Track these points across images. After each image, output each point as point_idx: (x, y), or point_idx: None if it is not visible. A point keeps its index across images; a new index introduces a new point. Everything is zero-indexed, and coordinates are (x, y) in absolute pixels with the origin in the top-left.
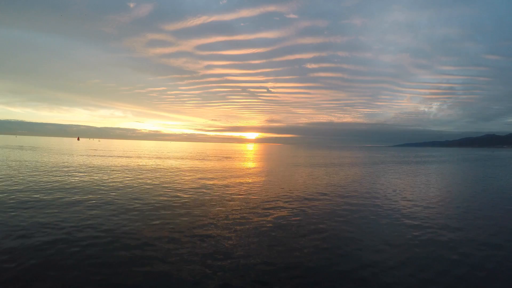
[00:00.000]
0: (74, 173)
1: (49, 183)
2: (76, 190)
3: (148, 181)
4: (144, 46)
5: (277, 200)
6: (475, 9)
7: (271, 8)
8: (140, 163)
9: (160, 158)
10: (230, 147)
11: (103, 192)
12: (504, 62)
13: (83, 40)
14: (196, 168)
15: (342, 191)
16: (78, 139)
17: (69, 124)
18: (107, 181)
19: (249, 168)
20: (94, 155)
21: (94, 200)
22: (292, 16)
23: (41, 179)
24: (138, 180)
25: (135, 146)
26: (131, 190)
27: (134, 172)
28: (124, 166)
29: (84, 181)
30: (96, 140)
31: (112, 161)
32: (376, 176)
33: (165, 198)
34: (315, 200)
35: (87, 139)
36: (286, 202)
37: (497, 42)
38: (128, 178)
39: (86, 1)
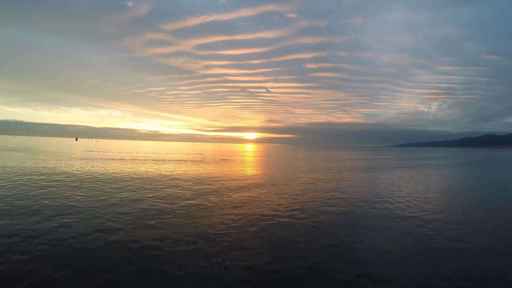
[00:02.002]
0: (50, 183)
1: (14, 198)
2: (42, 209)
3: (134, 195)
4: (143, 46)
5: (278, 212)
6: (475, 9)
7: (271, 7)
8: (132, 169)
9: (155, 160)
10: (229, 147)
11: (75, 211)
12: (504, 62)
13: (82, 40)
14: (191, 175)
15: (348, 203)
16: (76, 139)
17: (68, 124)
18: (86, 195)
19: (247, 176)
20: (86, 158)
21: (59, 223)
22: (291, 15)
23: (5, 193)
24: (123, 192)
25: (132, 147)
26: (110, 208)
27: (121, 181)
28: (113, 172)
29: (58, 195)
30: (94, 140)
31: (102, 165)
32: (387, 184)
33: (147, 221)
34: (320, 213)
35: (86, 140)
36: (288, 216)
37: (497, 42)
38: (113, 189)
39: (85, 1)
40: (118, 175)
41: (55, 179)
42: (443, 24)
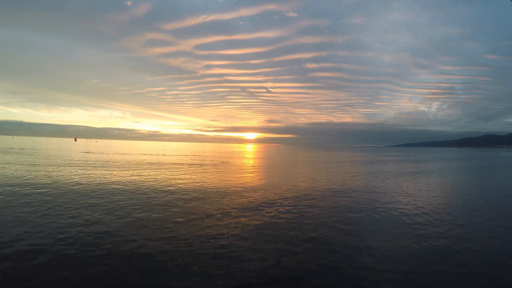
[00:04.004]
0: (21, 197)
1: None
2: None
3: (120, 213)
4: (143, 46)
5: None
6: (475, 9)
7: (271, 6)
8: (122, 178)
9: (151, 164)
10: (229, 148)
11: (40, 236)
12: (504, 62)
13: (82, 40)
14: (187, 184)
15: (361, 219)
16: (75, 139)
17: (68, 125)
18: (60, 212)
19: (246, 184)
20: (80, 161)
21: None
22: (292, 14)
23: None
24: (107, 214)
25: (131, 148)
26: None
27: (110, 192)
28: (104, 181)
29: (21, 211)
30: (93, 141)
31: (94, 172)
32: (403, 194)
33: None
34: (326, 223)
35: (85, 140)
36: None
37: (497, 42)
38: (96, 205)
39: (84, 1)
40: (108, 184)
41: (28, 192)
42: (443, 24)
